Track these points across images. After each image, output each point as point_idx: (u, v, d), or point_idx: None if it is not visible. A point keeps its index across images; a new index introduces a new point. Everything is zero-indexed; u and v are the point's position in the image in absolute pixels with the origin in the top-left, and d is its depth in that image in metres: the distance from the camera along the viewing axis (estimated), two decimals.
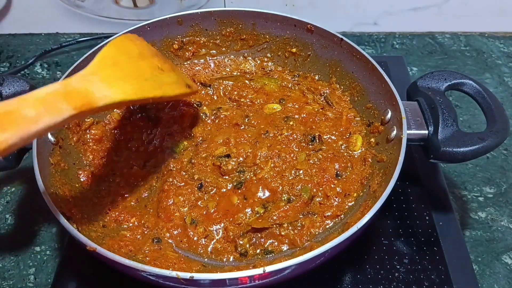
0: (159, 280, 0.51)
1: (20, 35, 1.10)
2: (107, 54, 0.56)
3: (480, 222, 0.74)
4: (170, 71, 0.66)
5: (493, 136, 0.61)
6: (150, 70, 0.60)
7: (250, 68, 0.87)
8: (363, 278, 0.64)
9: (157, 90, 0.58)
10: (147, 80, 0.57)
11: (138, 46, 0.64)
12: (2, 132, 0.40)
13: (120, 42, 0.61)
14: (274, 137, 0.73)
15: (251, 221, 0.64)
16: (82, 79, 0.50)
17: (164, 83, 0.61)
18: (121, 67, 0.56)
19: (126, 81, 0.54)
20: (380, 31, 1.10)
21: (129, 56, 0.59)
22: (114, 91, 0.51)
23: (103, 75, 0.52)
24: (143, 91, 0.55)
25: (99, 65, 0.54)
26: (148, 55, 0.64)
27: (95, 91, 0.49)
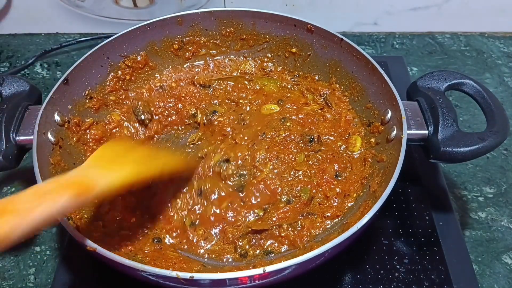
0: (159, 280, 0.51)
1: (20, 35, 1.10)
2: (99, 153, 0.59)
3: (480, 222, 0.74)
4: (157, 155, 0.70)
5: (493, 136, 0.61)
6: (143, 156, 0.64)
7: (250, 68, 0.87)
8: (363, 278, 0.64)
9: (154, 169, 0.61)
10: (143, 163, 0.61)
11: (126, 144, 0.71)
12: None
13: (108, 145, 0.66)
14: (271, 139, 0.73)
15: (250, 223, 0.64)
16: (77, 172, 0.52)
17: (159, 162, 0.64)
18: (116, 159, 0.59)
19: (123, 166, 0.57)
20: (380, 31, 1.10)
21: (121, 151, 0.63)
22: (113, 175, 0.53)
23: (101, 165, 0.55)
24: (140, 172, 0.58)
25: (94, 160, 0.57)
26: (137, 148, 0.70)
27: (92, 179, 0.51)
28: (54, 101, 0.68)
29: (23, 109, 0.66)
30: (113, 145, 0.67)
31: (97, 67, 0.76)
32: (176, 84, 0.83)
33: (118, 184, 0.53)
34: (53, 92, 0.68)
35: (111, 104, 0.79)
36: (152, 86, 0.83)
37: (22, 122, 0.65)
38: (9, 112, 0.64)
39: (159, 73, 0.85)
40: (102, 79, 0.78)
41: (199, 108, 0.79)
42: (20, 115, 0.65)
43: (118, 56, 0.79)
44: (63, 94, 0.70)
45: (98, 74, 0.77)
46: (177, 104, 0.80)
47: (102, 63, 0.77)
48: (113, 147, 0.65)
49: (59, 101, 0.69)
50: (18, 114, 0.65)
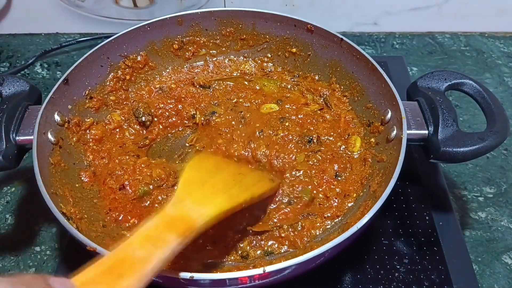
0: (159, 280, 0.51)
1: (20, 35, 1.10)
2: (188, 177, 0.58)
3: (480, 222, 0.74)
4: (249, 172, 0.68)
5: (493, 136, 0.61)
6: (232, 178, 0.61)
7: (249, 69, 0.87)
8: (363, 278, 0.64)
9: (245, 193, 0.59)
10: (233, 187, 0.59)
11: (212, 162, 0.66)
12: (121, 280, 0.41)
13: (195, 164, 0.63)
14: (269, 137, 0.73)
15: (251, 224, 0.64)
16: (175, 207, 0.51)
17: (249, 185, 0.62)
18: (206, 185, 0.57)
19: (215, 196, 0.55)
20: (380, 31, 1.10)
21: (208, 173, 0.61)
22: (208, 209, 0.52)
23: (193, 198, 0.53)
24: (233, 199, 0.56)
25: (186, 190, 0.55)
26: (224, 166, 0.66)
27: (191, 214, 0.50)
28: (54, 101, 0.68)
29: (23, 109, 0.66)
30: (199, 163, 0.64)
31: (97, 67, 0.77)
32: (176, 85, 0.83)
33: (215, 215, 0.52)
34: (53, 92, 0.68)
35: (111, 104, 0.79)
36: (152, 87, 0.83)
37: (22, 122, 0.65)
38: (9, 112, 0.64)
39: (159, 73, 0.85)
40: (102, 79, 0.78)
41: (199, 109, 0.79)
42: (20, 115, 0.65)
43: (118, 56, 0.79)
44: (63, 94, 0.70)
45: (98, 74, 0.77)
46: (177, 105, 0.80)
47: (102, 63, 0.77)
48: (200, 166, 0.63)
49: (59, 101, 0.69)
50: (18, 114, 0.65)
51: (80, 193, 0.66)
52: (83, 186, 0.68)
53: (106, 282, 0.40)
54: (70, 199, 0.63)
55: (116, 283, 0.40)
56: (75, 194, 0.65)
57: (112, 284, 0.40)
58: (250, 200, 0.59)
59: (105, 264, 0.42)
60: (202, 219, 0.50)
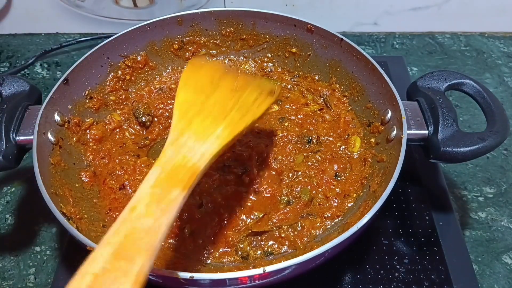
0: (159, 280, 0.51)
1: (20, 35, 1.10)
2: (183, 100, 0.52)
3: (480, 222, 0.74)
4: (247, 85, 0.59)
5: (493, 136, 0.61)
6: (230, 96, 0.55)
7: (249, 69, 0.87)
8: (363, 278, 0.64)
9: (246, 117, 0.53)
10: (233, 109, 0.53)
11: (207, 72, 0.59)
12: (134, 264, 0.35)
13: (190, 78, 0.56)
14: (268, 138, 0.73)
15: (250, 225, 0.64)
16: (174, 148, 0.46)
17: (249, 103, 0.55)
18: (204, 110, 0.51)
19: (216, 125, 0.50)
20: (380, 31, 1.10)
21: (204, 91, 0.54)
22: (210, 144, 0.47)
23: (193, 131, 0.48)
24: (235, 126, 0.51)
25: (183, 119, 0.49)
26: (218, 77, 0.58)
27: (193, 155, 0.45)
28: (54, 101, 0.68)
29: (23, 109, 0.66)
30: (194, 76, 0.56)
31: (97, 67, 0.77)
32: (176, 86, 0.83)
33: (217, 151, 0.46)
34: (53, 92, 0.68)
35: (111, 104, 0.79)
36: (152, 88, 0.83)
37: (22, 122, 0.65)
38: (9, 112, 0.64)
39: (159, 74, 0.85)
40: (102, 79, 0.78)
41: None
42: (20, 115, 0.65)
43: (118, 56, 0.79)
44: (63, 94, 0.70)
45: (98, 74, 0.77)
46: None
47: (102, 63, 0.77)
48: (196, 81, 0.55)
49: (59, 101, 0.69)
50: (18, 114, 0.65)
51: (80, 193, 0.66)
52: (83, 186, 0.68)
53: (120, 269, 0.35)
54: (70, 199, 0.63)
55: (130, 270, 0.35)
56: (75, 194, 0.65)
57: (125, 271, 0.35)
58: (251, 124, 0.53)
59: (112, 245, 0.37)
60: (204, 160, 0.44)
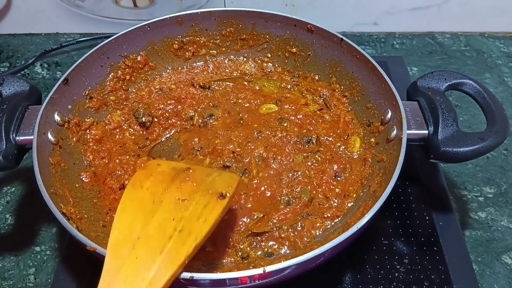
0: None
1: (20, 35, 1.10)
2: (118, 233, 0.49)
3: (480, 222, 0.74)
4: (193, 193, 0.54)
5: (493, 136, 0.61)
6: (172, 215, 0.51)
7: (249, 69, 0.87)
8: (363, 278, 0.64)
9: (188, 241, 0.49)
10: (172, 236, 0.49)
11: (150, 187, 0.54)
12: None
13: (127, 202, 0.53)
14: (267, 138, 0.73)
15: (250, 226, 0.64)
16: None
17: (193, 220, 0.51)
18: (139, 246, 0.48)
19: (149, 266, 0.46)
20: (380, 31, 1.10)
21: (144, 217, 0.51)
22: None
23: (123, 280, 0.45)
24: (173, 262, 0.47)
25: (114, 263, 0.47)
26: (163, 190, 0.54)
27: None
28: (54, 101, 0.68)
29: (23, 109, 0.66)
30: (134, 197, 0.53)
31: (97, 67, 0.77)
32: (176, 86, 0.83)
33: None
34: (53, 92, 0.68)
35: (111, 104, 0.79)
36: (152, 88, 0.83)
37: (22, 122, 0.65)
38: (9, 112, 0.64)
39: (159, 74, 0.85)
40: (102, 79, 0.78)
41: (197, 111, 0.79)
42: (20, 115, 0.65)
43: (118, 56, 0.79)
44: (63, 94, 0.70)
45: (98, 74, 0.77)
46: (177, 106, 0.80)
47: (102, 63, 0.77)
48: (134, 205, 0.52)
49: (59, 101, 0.69)
50: (18, 114, 0.65)
51: (80, 193, 0.66)
52: (83, 186, 0.68)
53: None
54: (70, 199, 0.63)
55: None
56: (75, 194, 0.65)
57: None
58: (193, 251, 0.49)
59: None
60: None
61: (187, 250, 0.48)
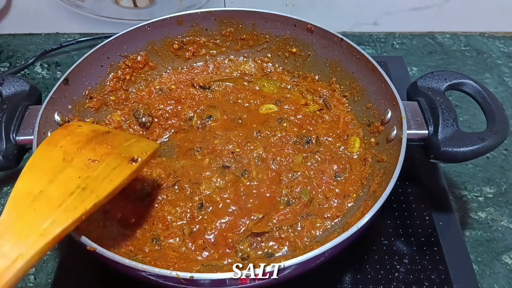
0: (159, 280, 0.51)
1: (20, 35, 1.10)
2: (21, 187, 0.50)
3: (480, 222, 0.74)
4: (105, 155, 0.56)
5: (493, 136, 0.61)
6: (78, 174, 0.52)
7: (249, 69, 0.87)
8: (363, 278, 0.64)
9: (88, 200, 0.50)
10: (74, 193, 0.50)
11: (64, 145, 0.55)
12: None
13: (37, 159, 0.54)
14: (266, 138, 0.73)
15: (250, 226, 0.64)
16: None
17: (98, 181, 0.52)
18: (39, 200, 0.49)
19: (45, 217, 0.47)
20: (380, 31, 1.10)
21: (50, 174, 0.51)
22: (29, 245, 0.45)
23: (15, 231, 0.46)
24: (68, 215, 0.48)
25: (12, 214, 0.47)
26: (76, 150, 0.55)
27: (4, 262, 0.43)
28: (54, 101, 0.68)
29: (23, 109, 0.66)
30: (45, 154, 0.54)
31: (97, 67, 0.77)
32: (176, 86, 0.83)
33: (34, 253, 0.44)
34: (53, 92, 0.68)
35: (111, 104, 0.79)
36: (152, 88, 0.83)
37: (22, 122, 0.65)
38: (9, 112, 0.64)
39: (159, 74, 0.85)
40: (102, 79, 0.78)
41: (196, 112, 0.79)
42: (20, 115, 0.65)
43: (118, 56, 0.79)
44: (63, 94, 0.70)
45: (98, 74, 0.77)
46: (177, 106, 0.80)
47: (102, 63, 0.77)
48: (44, 161, 0.53)
49: (59, 101, 0.69)
50: (18, 114, 0.65)
51: None
52: None
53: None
54: None
55: None
56: None
57: None
58: (92, 208, 0.50)
59: None
60: (15, 268, 0.42)
61: (85, 207, 0.49)
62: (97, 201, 0.51)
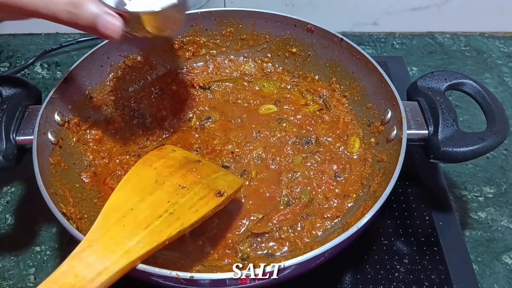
0: (159, 280, 0.51)
1: (20, 35, 1.10)
2: (115, 200, 0.51)
3: (480, 222, 0.74)
4: (194, 184, 0.56)
5: (493, 136, 0.61)
6: (167, 198, 0.53)
7: (249, 69, 0.87)
8: (363, 278, 0.64)
9: (173, 226, 0.50)
10: (162, 216, 0.50)
11: (156, 169, 0.57)
12: None
13: (133, 176, 0.55)
14: (266, 138, 0.73)
15: (250, 227, 0.64)
16: (74, 261, 0.44)
17: (185, 208, 0.52)
18: (129, 216, 0.49)
19: (132, 235, 0.47)
20: (380, 31, 1.10)
21: (143, 192, 0.52)
22: (115, 261, 0.44)
23: (103, 243, 0.46)
24: (153, 238, 0.48)
25: (102, 226, 0.48)
26: (168, 174, 0.56)
27: (88, 273, 0.42)
28: (54, 101, 0.68)
29: (23, 109, 0.66)
30: (140, 172, 0.55)
31: (97, 67, 0.77)
32: (176, 87, 0.83)
33: (119, 269, 0.44)
34: (53, 92, 0.68)
35: (111, 104, 0.79)
36: (152, 89, 0.83)
37: (22, 122, 0.65)
38: (9, 112, 0.64)
39: (159, 74, 0.85)
40: (102, 79, 0.78)
41: (195, 113, 0.79)
42: (20, 115, 0.65)
43: (118, 56, 0.79)
44: (63, 94, 0.70)
45: (98, 74, 0.77)
46: (177, 106, 0.80)
47: (102, 63, 0.77)
48: (139, 179, 0.54)
49: (59, 101, 0.69)
50: (18, 114, 0.65)
51: (80, 193, 0.66)
52: (83, 186, 0.68)
53: None
54: (70, 199, 0.63)
55: None
56: (75, 194, 0.65)
57: None
58: (176, 235, 0.50)
59: None
60: (98, 281, 0.42)
61: (170, 232, 0.49)
62: (181, 229, 0.50)
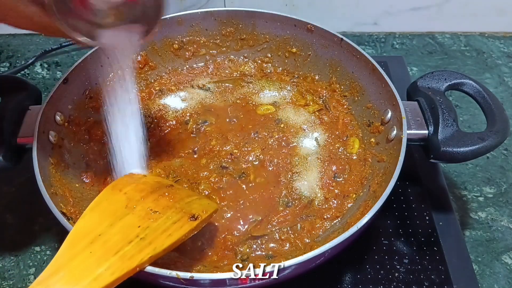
0: (159, 280, 0.51)
1: (20, 35, 1.10)
2: (82, 226, 0.50)
3: (480, 222, 0.74)
4: (167, 208, 0.55)
5: (493, 136, 0.61)
6: (138, 223, 0.51)
7: (249, 70, 0.87)
8: (363, 278, 0.64)
9: (144, 251, 0.48)
10: (132, 241, 0.49)
11: (128, 192, 0.56)
12: None
13: (102, 201, 0.54)
14: (264, 139, 0.73)
15: (250, 229, 0.64)
16: (41, 285, 0.44)
17: (157, 233, 0.51)
18: (97, 242, 0.48)
19: (101, 262, 0.46)
20: (380, 31, 1.10)
21: (112, 218, 0.51)
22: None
23: (69, 270, 0.45)
24: (123, 265, 0.47)
25: (69, 252, 0.47)
26: (139, 198, 0.55)
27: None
28: (54, 101, 0.68)
29: (23, 109, 0.66)
30: (109, 198, 0.54)
31: (97, 67, 0.76)
32: (176, 87, 0.83)
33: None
34: (53, 92, 0.68)
35: None
36: (152, 90, 0.83)
37: (22, 122, 0.65)
38: (9, 112, 0.64)
39: (159, 74, 0.85)
40: (102, 79, 0.78)
41: (193, 116, 0.79)
42: (20, 115, 0.65)
43: None
44: (63, 94, 0.70)
45: (98, 74, 0.77)
46: (176, 108, 0.80)
47: (102, 63, 0.77)
48: (108, 204, 0.53)
49: (59, 101, 0.69)
50: (18, 114, 0.65)
51: (80, 193, 0.66)
52: (83, 186, 0.68)
53: None
54: (70, 199, 0.63)
55: None
56: (75, 194, 0.65)
57: None
58: (147, 260, 0.48)
59: None
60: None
61: (141, 258, 0.48)
62: (153, 254, 0.49)
